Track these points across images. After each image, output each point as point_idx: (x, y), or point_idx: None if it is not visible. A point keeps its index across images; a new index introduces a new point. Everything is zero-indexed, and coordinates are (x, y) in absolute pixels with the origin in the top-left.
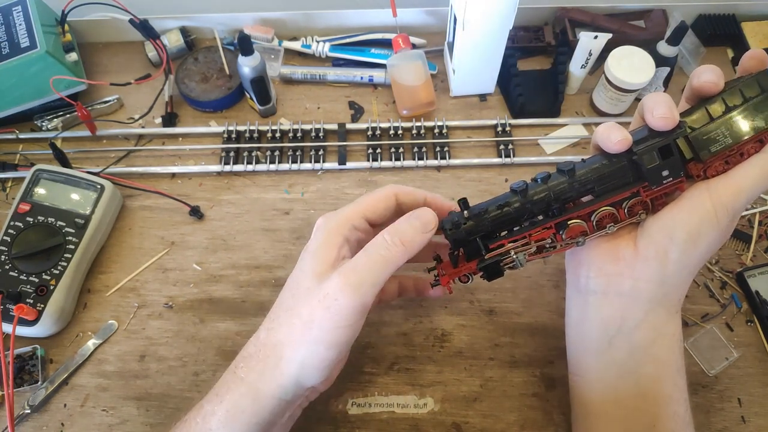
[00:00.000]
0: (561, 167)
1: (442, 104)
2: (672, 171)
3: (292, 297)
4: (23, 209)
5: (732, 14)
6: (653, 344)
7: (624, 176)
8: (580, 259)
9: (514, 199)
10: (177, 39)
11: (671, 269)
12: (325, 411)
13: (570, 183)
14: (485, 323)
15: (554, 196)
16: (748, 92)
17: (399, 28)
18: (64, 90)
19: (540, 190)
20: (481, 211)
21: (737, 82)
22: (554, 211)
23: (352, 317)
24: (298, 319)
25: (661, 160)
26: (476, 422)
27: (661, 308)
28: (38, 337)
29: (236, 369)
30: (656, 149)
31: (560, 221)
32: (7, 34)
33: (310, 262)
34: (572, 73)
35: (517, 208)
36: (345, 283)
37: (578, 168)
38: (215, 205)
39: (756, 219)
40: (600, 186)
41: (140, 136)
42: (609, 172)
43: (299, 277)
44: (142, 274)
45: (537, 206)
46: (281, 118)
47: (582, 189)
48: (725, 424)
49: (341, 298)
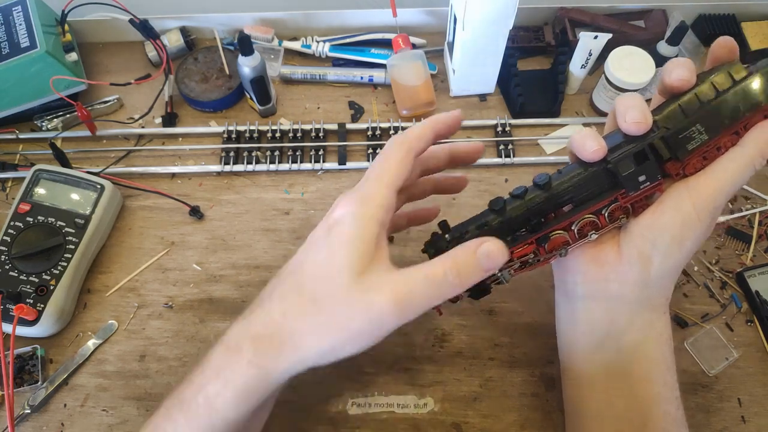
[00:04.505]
0: (537, 181)
1: (442, 104)
2: (649, 175)
3: (320, 288)
4: (23, 209)
5: (732, 14)
6: (642, 345)
7: (601, 184)
8: (566, 265)
9: (493, 217)
10: (177, 39)
11: (655, 273)
12: (325, 411)
13: (547, 196)
14: (485, 323)
15: (532, 211)
16: (720, 85)
17: (399, 28)
18: (64, 90)
19: (517, 206)
20: (462, 232)
21: (709, 74)
22: (534, 225)
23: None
24: (328, 317)
25: (637, 166)
26: (476, 422)
27: (647, 310)
28: (38, 337)
29: (240, 349)
30: (631, 155)
31: (541, 235)
32: (7, 34)
33: (345, 255)
34: (572, 73)
35: (496, 227)
36: (396, 304)
37: (554, 179)
38: (215, 205)
39: (756, 219)
40: (578, 196)
41: (140, 136)
42: (585, 182)
43: (329, 268)
44: (142, 274)
45: (516, 222)
46: (281, 118)
47: (559, 201)
48: (725, 424)
49: (387, 317)
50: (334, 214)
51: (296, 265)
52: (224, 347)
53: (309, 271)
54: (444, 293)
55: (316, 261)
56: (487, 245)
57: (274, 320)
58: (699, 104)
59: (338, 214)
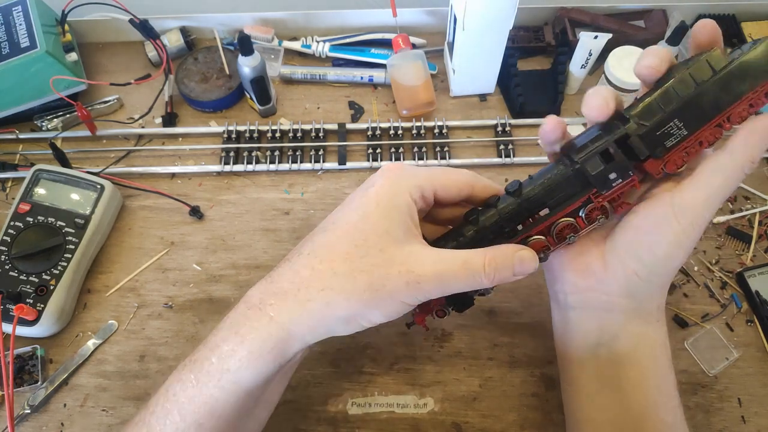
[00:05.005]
0: (508, 188)
1: (442, 104)
2: (620, 173)
3: (355, 247)
4: (23, 209)
5: (732, 14)
6: (634, 353)
7: (572, 186)
8: (555, 276)
9: (468, 228)
10: (177, 39)
11: (642, 285)
12: (325, 411)
13: (519, 203)
14: (485, 323)
15: (505, 219)
16: (699, 76)
17: (399, 28)
18: (64, 90)
19: (490, 216)
20: (441, 245)
21: (687, 64)
22: (508, 233)
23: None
24: (364, 276)
25: (606, 164)
26: (476, 422)
27: (637, 319)
28: (38, 337)
29: (263, 305)
30: (598, 153)
31: (518, 241)
32: (7, 34)
33: (382, 220)
34: (572, 73)
35: (470, 237)
36: (434, 277)
37: (525, 185)
38: (215, 205)
39: (756, 219)
40: (551, 200)
41: (140, 136)
42: (556, 185)
43: (366, 229)
44: (142, 274)
45: (490, 231)
46: (281, 118)
47: (533, 206)
48: (725, 424)
49: (424, 287)
50: (374, 177)
51: (329, 223)
52: (245, 305)
53: (343, 229)
54: (475, 284)
55: (350, 221)
56: (524, 252)
57: (301, 276)
58: (676, 97)
59: (377, 177)
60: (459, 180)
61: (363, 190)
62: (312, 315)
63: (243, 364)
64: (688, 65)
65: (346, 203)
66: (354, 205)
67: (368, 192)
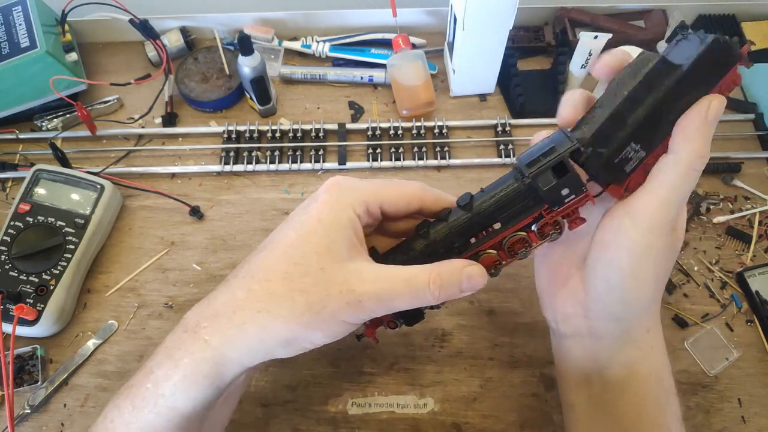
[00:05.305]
0: (459, 201)
1: (442, 104)
2: (573, 188)
3: (294, 267)
4: (23, 209)
5: (732, 14)
6: (627, 381)
7: (524, 201)
8: (546, 304)
9: (419, 242)
10: (177, 39)
11: (620, 307)
12: (325, 411)
13: (470, 218)
14: (485, 323)
15: (456, 233)
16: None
17: (399, 28)
18: (64, 90)
19: (440, 229)
20: (389, 259)
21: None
22: (458, 247)
23: (357, 326)
24: (303, 297)
25: (558, 179)
26: (476, 422)
27: (627, 345)
28: (38, 337)
29: (197, 329)
30: (550, 168)
31: (469, 256)
32: (7, 34)
33: (323, 238)
34: (572, 73)
35: (422, 251)
36: (376, 297)
37: (477, 198)
38: (215, 205)
39: (756, 219)
40: (502, 214)
41: (140, 136)
42: (507, 200)
43: (306, 248)
44: (142, 274)
45: (441, 245)
46: (281, 118)
47: (484, 221)
48: (725, 424)
49: (365, 307)
50: (315, 193)
51: (268, 242)
52: (182, 328)
53: (281, 248)
54: (420, 301)
55: (289, 239)
56: (472, 268)
57: (236, 298)
58: (630, 120)
59: (319, 193)
60: (407, 193)
61: (304, 206)
62: (248, 338)
63: (178, 389)
64: (636, 76)
65: (287, 221)
66: (294, 222)
67: (309, 208)
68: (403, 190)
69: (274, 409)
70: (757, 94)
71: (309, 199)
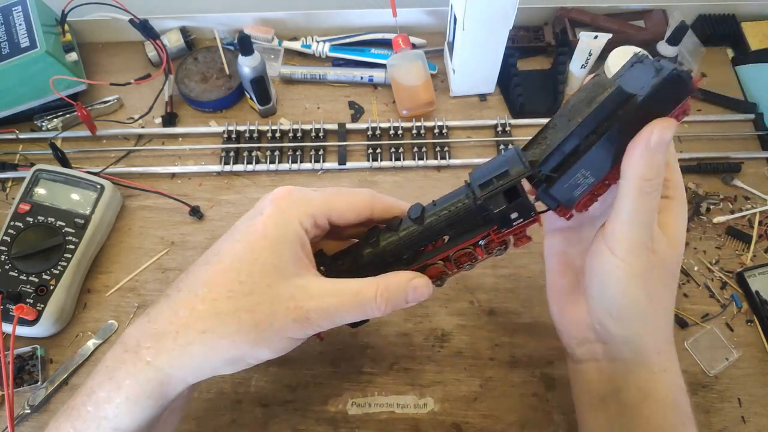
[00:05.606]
0: (411, 213)
1: (442, 104)
2: (522, 212)
3: (239, 284)
4: (23, 209)
5: (732, 14)
6: (642, 405)
7: (474, 219)
8: (560, 329)
9: (369, 250)
10: (177, 39)
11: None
12: (325, 411)
13: (420, 231)
14: (485, 323)
15: (405, 245)
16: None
17: (399, 28)
18: (64, 90)
19: (391, 240)
20: (337, 263)
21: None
22: (407, 260)
23: (303, 341)
24: (250, 315)
25: (508, 203)
26: (476, 422)
27: (639, 368)
28: (38, 337)
29: (139, 348)
30: (502, 192)
31: (417, 268)
32: (7, 34)
33: (269, 254)
34: (572, 73)
35: (371, 260)
36: (323, 312)
37: (428, 211)
38: (215, 205)
39: (756, 219)
40: (452, 230)
41: (140, 136)
42: (458, 218)
43: (252, 265)
44: (142, 274)
45: (389, 255)
46: (281, 118)
47: (434, 235)
48: (725, 424)
49: (312, 323)
50: (262, 204)
51: (212, 255)
52: (122, 347)
53: (226, 263)
54: (367, 314)
55: (235, 254)
56: (418, 281)
57: (180, 316)
58: (582, 146)
59: (265, 205)
60: (356, 204)
61: (249, 218)
62: (193, 359)
63: (121, 411)
64: (591, 103)
65: (232, 233)
66: (239, 235)
67: (255, 222)
68: (352, 201)
69: (274, 409)
70: (757, 94)
71: (255, 210)
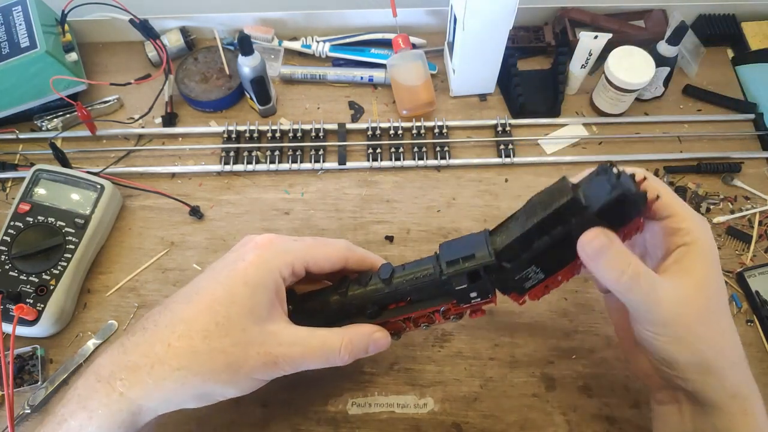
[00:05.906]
0: (381, 272)
1: (442, 104)
2: (480, 293)
3: (216, 325)
4: (23, 209)
5: (732, 14)
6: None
7: (437, 290)
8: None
9: (336, 298)
10: (177, 39)
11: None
12: (325, 411)
13: (387, 292)
14: (485, 323)
15: (371, 301)
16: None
17: (399, 28)
18: (64, 90)
19: (359, 293)
20: (305, 304)
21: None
22: (370, 314)
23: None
24: (223, 357)
25: (470, 283)
26: (476, 422)
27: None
28: (38, 337)
29: (112, 379)
30: (466, 273)
31: (380, 323)
32: (7, 34)
33: (247, 300)
34: (572, 73)
35: (338, 309)
36: (291, 359)
37: (397, 273)
38: (215, 205)
39: (756, 219)
40: (416, 294)
41: (140, 136)
42: (423, 285)
43: (230, 308)
44: (142, 274)
45: (354, 307)
46: (281, 118)
47: (398, 296)
48: None
49: (280, 368)
50: (244, 249)
51: (192, 292)
52: (95, 376)
53: (206, 303)
54: (330, 363)
55: (215, 295)
56: (379, 334)
57: (155, 351)
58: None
59: (248, 251)
60: (332, 255)
61: (232, 262)
62: (165, 393)
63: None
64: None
65: (213, 272)
66: (221, 277)
67: (237, 266)
68: (329, 252)
69: (274, 409)
70: (757, 94)
71: (236, 254)
